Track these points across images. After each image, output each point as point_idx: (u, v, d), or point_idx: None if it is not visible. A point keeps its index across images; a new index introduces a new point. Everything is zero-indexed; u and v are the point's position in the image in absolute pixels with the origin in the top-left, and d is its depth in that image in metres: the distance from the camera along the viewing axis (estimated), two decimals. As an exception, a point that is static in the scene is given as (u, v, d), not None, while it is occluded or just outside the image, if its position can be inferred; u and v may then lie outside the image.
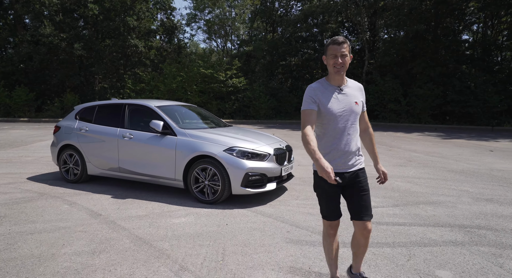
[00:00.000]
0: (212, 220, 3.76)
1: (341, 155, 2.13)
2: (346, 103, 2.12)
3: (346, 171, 2.15)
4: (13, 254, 2.87)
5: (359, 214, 2.15)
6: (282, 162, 4.59)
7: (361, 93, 2.25)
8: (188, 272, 2.59)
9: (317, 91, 2.11)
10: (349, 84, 2.21)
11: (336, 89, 2.14)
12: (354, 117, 2.15)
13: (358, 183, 2.17)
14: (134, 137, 4.82)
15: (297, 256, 2.89)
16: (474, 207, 4.26)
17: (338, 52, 2.06)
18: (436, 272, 2.62)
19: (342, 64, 2.08)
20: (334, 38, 2.09)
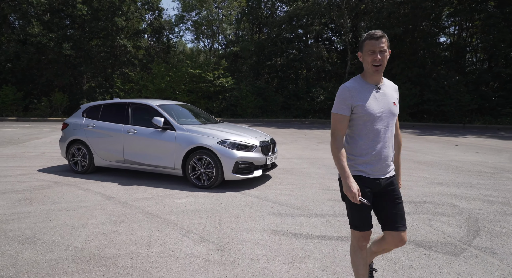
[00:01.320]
0: (209, 200, 4.51)
1: (378, 159, 1.96)
2: (385, 103, 1.96)
3: (382, 177, 1.98)
4: (51, 224, 3.55)
5: (394, 224, 1.98)
6: (267, 152, 5.37)
7: (397, 94, 2.08)
8: (193, 234, 3.34)
9: (353, 92, 1.93)
10: (385, 82, 2.03)
11: (374, 88, 1.96)
12: (392, 119, 1.98)
13: (392, 191, 2.00)
14: (138, 132, 5.51)
15: (278, 223, 3.66)
16: (426, 189, 5.14)
17: (377, 48, 1.88)
18: (381, 231, 3.44)
19: (381, 61, 1.89)
20: (371, 33, 1.91)
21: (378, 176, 1.97)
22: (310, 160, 7.70)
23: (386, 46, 1.89)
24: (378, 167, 1.96)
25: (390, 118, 1.97)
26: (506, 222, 3.69)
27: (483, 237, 3.29)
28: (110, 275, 2.51)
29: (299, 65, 26.12)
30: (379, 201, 2.02)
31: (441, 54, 22.60)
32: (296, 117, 23.96)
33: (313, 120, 22.95)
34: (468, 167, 6.87)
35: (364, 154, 1.96)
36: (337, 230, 3.47)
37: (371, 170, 1.95)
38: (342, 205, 4.33)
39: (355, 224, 2.02)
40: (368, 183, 1.96)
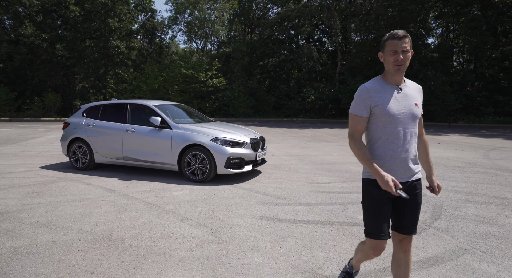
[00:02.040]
0: (203, 192, 4.93)
1: (400, 163, 1.90)
2: (405, 104, 1.90)
3: (404, 181, 1.93)
4: (61, 212, 3.93)
5: (406, 228, 1.96)
6: (257, 149, 5.81)
7: (420, 95, 2.01)
8: (190, 220, 3.76)
9: (372, 92, 1.90)
10: (408, 83, 1.98)
11: (395, 88, 1.91)
12: (414, 121, 1.92)
13: (414, 196, 1.94)
14: (136, 131, 5.90)
15: (265, 211, 4.11)
16: (402, 181, 5.63)
17: (399, 48, 1.83)
18: (359, 217, 3.90)
19: (403, 61, 1.85)
20: (394, 32, 1.87)
21: (399, 179, 1.90)
22: (299, 157, 8.17)
23: (409, 46, 1.85)
24: (400, 170, 1.90)
25: (411, 120, 1.90)
26: (465, 208, 4.19)
27: (443, 219, 3.77)
28: (119, 252, 2.92)
29: (290, 65, 26.63)
30: (399, 204, 1.95)
31: (428, 55, 23.30)
32: (287, 117, 24.44)
33: (304, 120, 23.45)
34: (445, 163, 7.40)
35: (382, 157, 1.91)
36: (317, 216, 3.92)
37: (391, 174, 1.89)
38: (324, 195, 4.79)
39: (369, 231, 1.96)
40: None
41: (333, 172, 6.35)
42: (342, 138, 12.68)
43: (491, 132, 15.67)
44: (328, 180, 5.72)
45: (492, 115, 19.95)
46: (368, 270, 2.63)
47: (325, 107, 25.52)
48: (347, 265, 2.42)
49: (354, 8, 25.17)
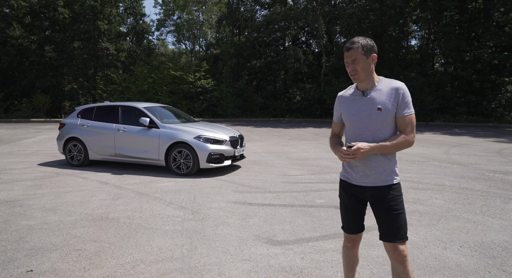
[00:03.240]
0: (187, 183, 5.63)
1: (359, 166, 1.93)
2: (365, 109, 1.91)
3: (367, 185, 1.94)
4: (63, 200, 4.59)
5: (388, 235, 1.91)
6: (236, 146, 6.54)
7: (393, 95, 1.89)
8: (174, 204, 4.46)
9: (340, 99, 2.05)
10: (379, 86, 1.94)
11: (359, 94, 1.97)
12: (375, 125, 1.90)
13: (387, 201, 1.91)
14: (127, 130, 6.57)
15: (239, 197, 4.83)
16: (363, 173, 6.43)
17: (348, 59, 1.92)
18: (317, 201, 4.66)
19: (355, 71, 1.90)
20: (346, 44, 1.93)
21: (361, 183, 1.95)
22: (277, 154, 8.93)
23: (359, 54, 1.87)
24: (360, 174, 1.94)
25: (372, 125, 1.90)
26: (407, 193, 5.00)
27: (385, 202, 4.56)
28: (115, 227, 3.61)
29: (276, 67, 27.42)
30: (374, 211, 1.98)
31: (406, 57, 24.37)
32: (274, 117, 25.23)
33: (290, 119, 24.27)
34: (408, 158, 8.25)
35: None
36: (282, 200, 4.67)
37: (352, 177, 1.98)
38: (292, 185, 5.54)
39: (342, 224, 2.14)
40: (353, 190, 2.02)
41: (305, 167, 7.12)
42: (322, 136, 13.49)
43: (462, 131, 16.72)
44: (299, 173, 6.49)
45: (465, 114, 21.10)
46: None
47: (310, 107, 26.40)
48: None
49: (338, 11, 26.12)
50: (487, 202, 4.55)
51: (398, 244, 1.90)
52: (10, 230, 3.51)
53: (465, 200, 4.68)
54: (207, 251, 3.04)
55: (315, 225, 3.72)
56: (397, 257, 1.91)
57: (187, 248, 3.11)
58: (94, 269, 2.71)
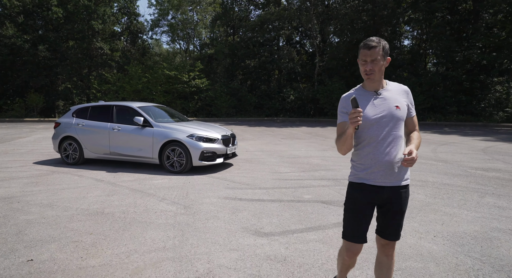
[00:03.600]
0: (180, 180, 5.81)
1: (381, 166, 1.90)
2: (384, 108, 1.91)
3: (387, 185, 1.93)
4: (59, 197, 4.75)
5: (388, 234, 1.99)
6: (228, 144, 6.73)
7: (405, 96, 2.00)
8: (167, 200, 4.64)
9: (349, 100, 1.94)
10: (389, 87, 1.99)
11: (372, 94, 1.95)
12: (395, 123, 1.91)
13: (397, 204, 1.94)
14: (122, 129, 6.72)
15: (229, 193, 5.03)
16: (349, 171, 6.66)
17: (368, 57, 1.88)
18: (304, 196, 4.88)
19: (373, 71, 1.89)
20: (366, 41, 1.90)
21: (381, 183, 1.91)
22: (269, 152, 9.13)
23: (379, 55, 1.87)
24: (381, 173, 1.90)
25: (392, 123, 1.90)
26: (391, 188, 5.23)
27: (369, 197, 4.79)
28: (111, 221, 3.79)
29: (270, 67, 27.63)
30: (385, 211, 1.98)
31: (399, 57, 24.73)
32: (268, 116, 25.44)
33: (284, 119, 24.50)
34: (395, 156, 8.50)
35: (363, 161, 1.94)
36: (271, 196, 4.87)
37: (373, 177, 1.92)
38: (282, 182, 5.74)
39: (344, 233, 2.01)
40: (370, 192, 1.94)
41: (295, 164, 7.33)
42: (315, 135, 13.73)
43: (452, 129, 17.07)
44: (289, 170, 6.70)
45: (456, 114, 21.50)
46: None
47: (304, 107, 26.66)
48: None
49: (331, 12, 26.40)
50: (465, 197, 4.80)
51: (392, 241, 1.99)
52: (9, 224, 3.67)
53: (445, 194, 4.92)
54: (197, 242, 3.23)
55: (301, 218, 3.92)
56: (388, 251, 2.02)
57: (178, 239, 3.30)
58: (90, 258, 2.88)
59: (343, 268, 2.17)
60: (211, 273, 2.65)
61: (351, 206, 1.99)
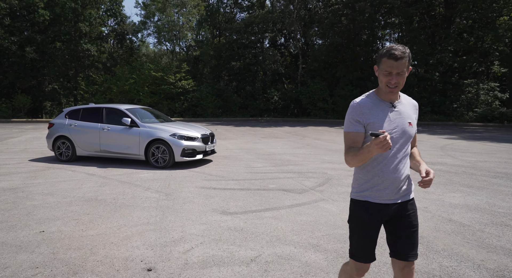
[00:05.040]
0: (163, 174, 6.60)
1: (389, 184, 1.81)
2: (398, 123, 1.80)
3: (392, 202, 1.83)
4: (57, 187, 5.49)
5: (404, 253, 1.84)
6: (207, 142, 7.55)
7: (415, 112, 1.92)
8: (151, 189, 5.43)
9: (364, 108, 1.81)
10: (402, 100, 1.88)
11: (388, 105, 1.82)
12: (406, 140, 1.82)
13: (406, 217, 1.86)
14: (111, 129, 7.46)
15: (205, 184, 5.85)
16: (317, 165, 7.56)
17: (394, 69, 1.70)
18: (270, 186, 5.74)
19: (397, 84, 1.73)
20: (391, 51, 1.70)
21: (387, 201, 1.82)
22: (248, 150, 9.98)
23: (405, 67, 1.71)
24: (387, 192, 1.81)
25: (403, 140, 1.80)
26: (346, 179, 6.14)
27: (325, 186, 5.68)
28: (103, 205, 4.57)
29: (255, 68, 28.49)
30: (391, 228, 1.88)
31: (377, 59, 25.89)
32: (253, 116, 26.31)
33: (269, 119, 25.41)
34: (360, 152, 9.46)
35: (370, 178, 1.83)
36: (241, 186, 5.72)
37: (378, 195, 1.81)
38: (253, 175, 6.59)
39: (352, 252, 1.90)
40: (376, 210, 1.83)
41: (269, 160, 8.20)
42: (294, 135, 14.64)
43: (424, 129, 18.25)
44: (262, 165, 7.56)
45: (429, 114, 22.77)
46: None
47: (288, 107, 27.64)
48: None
49: (313, 15, 27.43)
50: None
51: (411, 262, 1.84)
52: (19, 208, 4.42)
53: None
54: (174, 219, 4.05)
55: (262, 202, 4.78)
56: (406, 273, 1.85)
57: (159, 217, 4.11)
58: (89, 230, 3.67)
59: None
60: (183, 238, 3.47)
61: (358, 226, 1.87)
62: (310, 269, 2.84)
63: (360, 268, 1.89)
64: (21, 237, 3.48)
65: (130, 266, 2.88)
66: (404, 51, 1.70)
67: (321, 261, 2.99)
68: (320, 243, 3.36)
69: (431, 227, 3.75)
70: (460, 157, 8.61)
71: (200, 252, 3.16)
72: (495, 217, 4.09)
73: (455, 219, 4.05)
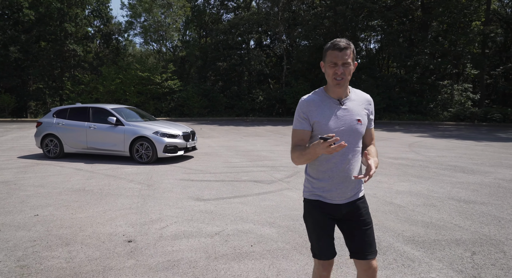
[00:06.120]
0: (146, 168, 7.15)
1: (338, 183, 1.78)
2: (346, 120, 1.76)
3: (343, 202, 1.82)
4: (47, 181, 5.98)
5: (362, 252, 1.83)
6: (188, 139, 8.12)
7: (367, 107, 1.86)
8: (135, 181, 5.98)
9: (311, 106, 1.77)
10: (352, 96, 1.83)
11: (335, 102, 1.77)
12: (355, 138, 1.78)
13: (359, 216, 1.84)
14: (97, 127, 7.96)
15: (184, 176, 6.43)
16: (289, 160, 8.21)
17: (339, 60, 1.68)
18: (242, 177, 6.35)
19: (343, 75, 1.70)
20: (335, 42, 1.70)
21: (338, 201, 1.82)
22: (228, 147, 10.58)
23: (350, 58, 1.70)
24: (338, 192, 1.80)
25: (352, 138, 1.77)
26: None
27: (292, 177, 6.34)
28: (90, 195, 5.10)
29: (240, 69, 29.08)
30: (345, 228, 1.88)
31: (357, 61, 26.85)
32: (238, 116, 26.89)
33: (253, 118, 26.03)
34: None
35: (321, 177, 1.81)
36: (217, 178, 6.32)
37: (329, 195, 1.81)
38: (229, 169, 7.20)
39: (314, 252, 1.89)
40: (328, 209, 1.84)
41: (246, 156, 8.82)
42: (275, 133, 15.31)
43: (401, 127, 19.20)
44: (239, 160, 8.18)
45: (407, 113, 23.81)
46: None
47: (272, 107, 28.33)
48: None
49: (297, 17, 28.20)
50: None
51: (371, 260, 1.84)
52: (13, 197, 4.92)
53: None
54: (154, 204, 4.64)
55: (233, 191, 5.40)
56: (371, 273, 1.85)
57: (141, 203, 4.68)
58: (78, 213, 4.22)
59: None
60: (160, 219, 4.06)
61: (314, 225, 1.87)
62: (263, 239, 3.47)
63: (324, 265, 1.88)
64: (18, 219, 4.01)
65: (113, 239, 3.45)
66: (348, 43, 1.71)
67: (273, 234, 3.62)
68: (275, 221, 3.99)
69: (373, 209, 4.44)
70: (422, 153, 9.41)
71: (173, 228, 3.75)
72: (428, 200, 4.82)
73: (395, 202, 4.76)
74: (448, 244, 3.32)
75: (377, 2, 24.05)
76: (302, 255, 3.10)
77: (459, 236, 3.52)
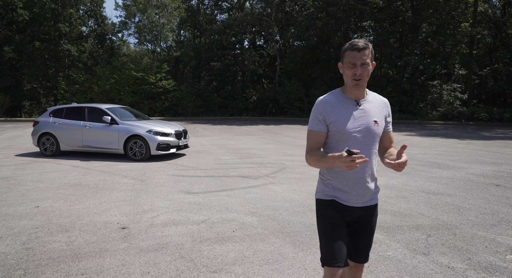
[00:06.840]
0: (140, 165, 7.49)
1: (353, 185, 1.76)
2: (363, 121, 1.75)
3: (358, 206, 1.79)
4: (45, 177, 6.30)
5: (358, 256, 1.87)
6: (180, 138, 8.47)
7: (385, 110, 1.86)
8: (129, 177, 6.33)
9: (327, 106, 1.77)
10: (369, 98, 1.82)
11: (352, 103, 1.77)
12: (372, 139, 1.77)
13: (368, 223, 1.84)
14: (93, 126, 8.28)
15: (176, 172, 6.78)
16: (278, 158, 8.60)
17: (358, 61, 1.68)
18: (231, 173, 6.72)
19: (362, 76, 1.70)
20: (354, 42, 1.71)
21: (353, 204, 1.78)
22: (220, 145, 10.94)
23: (369, 58, 1.70)
24: (353, 194, 1.76)
25: (369, 139, 1.76)
26: (299, 168, 7.20)
27: (278, 173, 6.72)
28: (87, 189, 5.44)
29: (234, 69, 29.44)
30: (354, 232, 1.86)
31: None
32: (232, 115, 27.25)
33: (247, 118, 26.39)
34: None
35: (335, 176, 1.78)
36: (207, 174, 6.68)
37: (344, 197, 1.78)
38: (219, 165, 7.57)
39: (324, 258, 1.77)
40: (342, 209, 1.80)
41: (236, 154, 9.19)
42: (267, 132, 15.69)
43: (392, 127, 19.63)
44: (229, 158, 8.54)
45: (398, 112, 24.33)
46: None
47: (266, 106, 28.72)
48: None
49: (289, 18, 28.60)
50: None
51: (362, 264, 1.89)
52: (14, 191, 5.24)
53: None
54: (146, 197, 4.99)
55: (221, 185, 5.77)
56: (357, 275, 1.92)
57: (134, 196, 5.04)
58: (76, 205, 4.57)
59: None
60: (152, 209, 4.42)
61: (327, 226, 1.80)
62: (244, 226, 3.85)
63: (334, 273, 1.73)
64: (20, 210, 4.35)
65: (108, 226, 3.81)
66: (367, 43, 1.71)
67: (254, 221, 4.00)
68: (257, 211, 4.37)
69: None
70: (406, 150, 9.84)
71: (163, 217, 4.12)
72: (400, 192, 5.23)
73: (370, 194, 5.16)
74: (409, 229, 3.73)
75: (368, 4, 24.56)
76: (278, 238, 3.48)
77: (420, 222, 3.93)
